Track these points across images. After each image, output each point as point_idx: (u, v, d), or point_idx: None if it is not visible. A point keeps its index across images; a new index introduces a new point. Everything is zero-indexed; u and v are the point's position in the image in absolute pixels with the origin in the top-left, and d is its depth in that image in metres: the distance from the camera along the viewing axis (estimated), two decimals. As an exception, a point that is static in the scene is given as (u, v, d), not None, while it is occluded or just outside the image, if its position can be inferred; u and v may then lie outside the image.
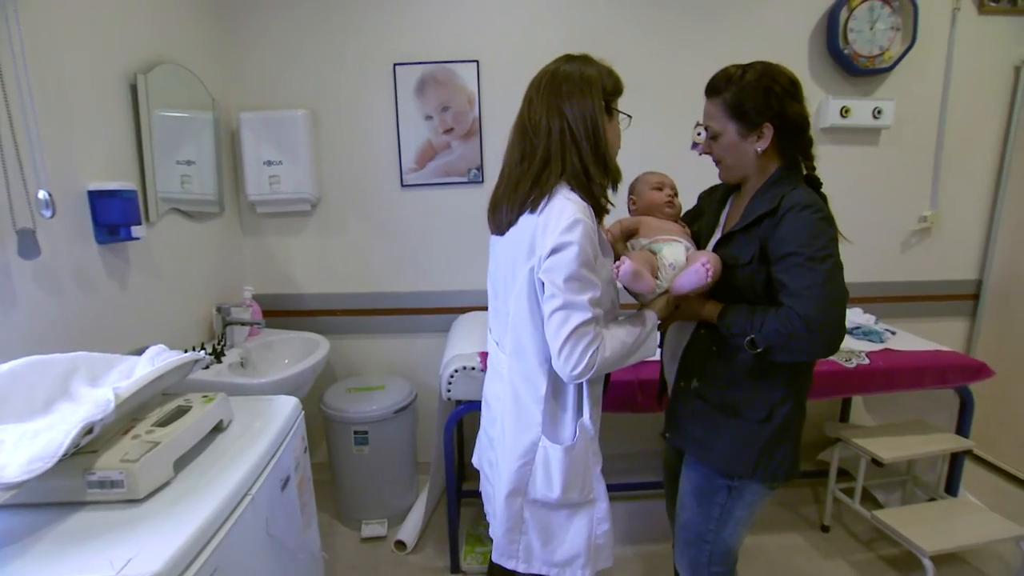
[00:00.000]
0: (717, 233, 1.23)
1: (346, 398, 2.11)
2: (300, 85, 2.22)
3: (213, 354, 1.76)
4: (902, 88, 2.34)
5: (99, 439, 0.91)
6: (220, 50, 2.15)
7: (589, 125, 1.02)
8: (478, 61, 2.22)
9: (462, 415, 1.80)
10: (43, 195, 1.19)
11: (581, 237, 0.96)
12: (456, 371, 1.74)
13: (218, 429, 1.11)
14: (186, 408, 1.06)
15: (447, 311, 2.39)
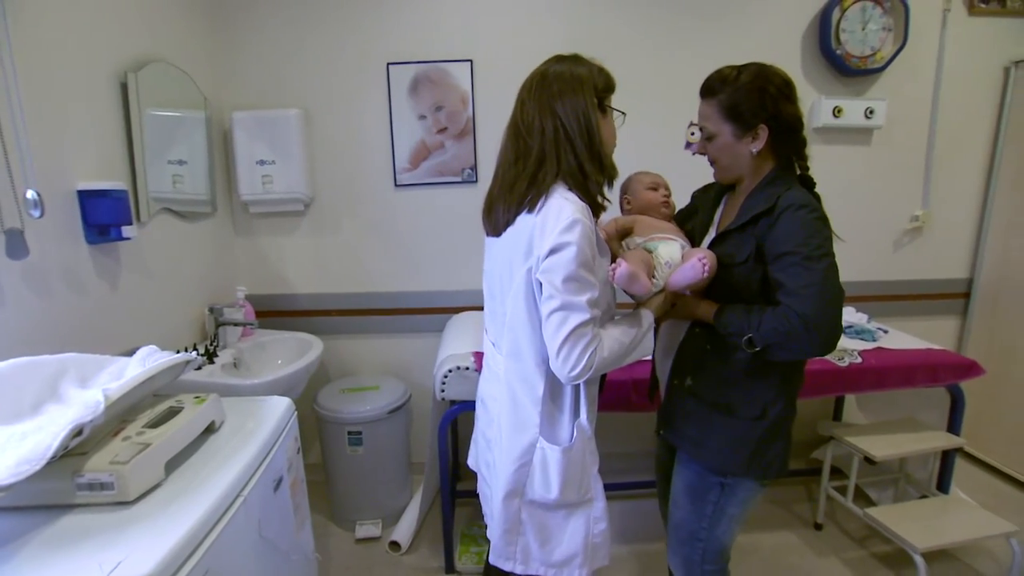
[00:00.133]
0: (711, 232, 1.24)
1: (340, 398, 2.10)
2: (293, 84, 2.21)
3: (206, 355, 1.75)
4: (894, 88, 2.36)
5: (89, 441, 0.90)
6: (212, 49, 2.14)
7: (582, 122, 1.02)
8: (472, 61, 2.22)
9: (456, 415, 1.80)
10: (31, 195, 1.17)
11: (580, 238, 0.96)
12: (450, 371, 1.74)
13: (210, 430, 1.10)
14: (177, 409, 1.05)
15: (441, 311, 2.38)
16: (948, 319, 2.64)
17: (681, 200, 1.38)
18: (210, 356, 1.76)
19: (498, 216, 1.10)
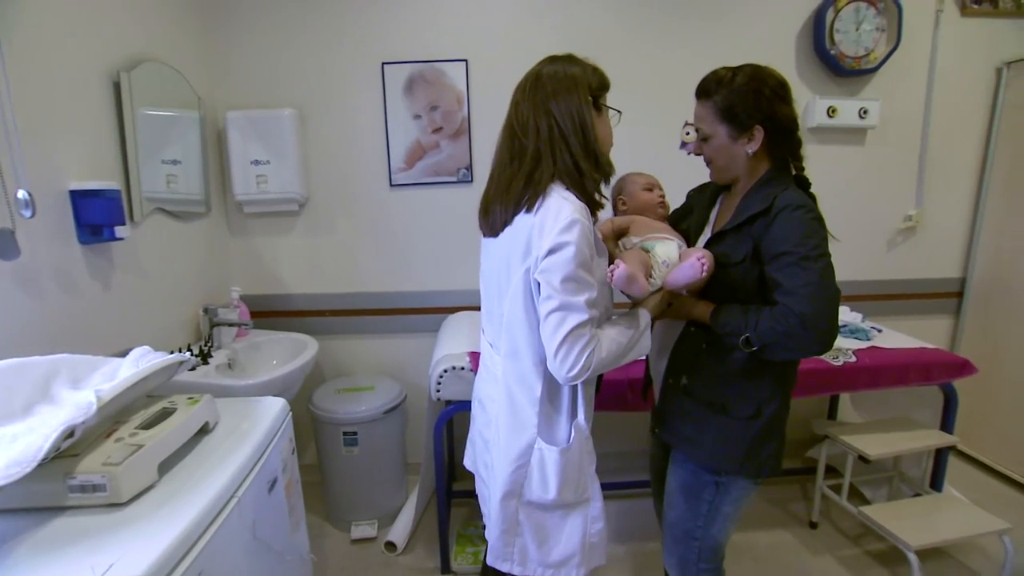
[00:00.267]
0: (707, 231, 1.24)
1: (335, 399, 2.09)
2: (287, 84, 2.20)
3: (200, 355, 1.74)
4: (887, 88, 2.37)
5: (81, 442, 0.89)
6: (206, 48, 2.13)
7: (576, 121, 1.02)
8: (467, 60, 2.21)
9: (452, 415, 1.80)
10: (22, 195, 1.16)
11: (579, 237, 0.96)
12: (445, 371, 1.74)
13: (204, 431, 1.09)
14: (171, 410, 1.04)
15: (436, 311, 2.38)
16: (941, 318, 2.66)
17: (675, 200, 1.39)
18: (204, 357, 1.75)
19: (495, 216, 1.09)
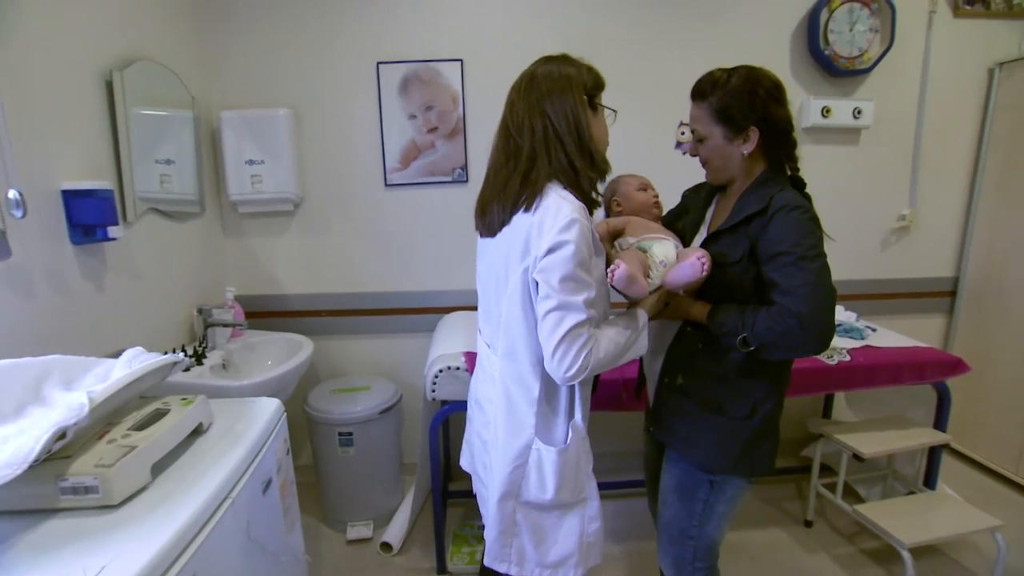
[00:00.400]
0: (702, 231, 1.24)
1: (330, 399, 2.09)
2: (282, 84, 2.19)
3: (194, 356, 1.73)
4: (881, 89, 2.38)
5: (73, 444, 0.88)
6: (199, 48, 2.12)
7: (571, 120, 1.02)
8: (462, 60, 2.21)
9: (447, 415, 1.79)
10: (13, 195, 1.15)
11: (578, 237, 0.96)
12: (441, 371, 1.73)
13: (198, 432, 1.09)
14: (164, 411, 1.03)
15: (432, 311, 2.37)
16: (934, 317, 2.67)
17: (670, 199, 1.39)
18: (199, 357, 1.74)
19: (493, 216, 1.09)
